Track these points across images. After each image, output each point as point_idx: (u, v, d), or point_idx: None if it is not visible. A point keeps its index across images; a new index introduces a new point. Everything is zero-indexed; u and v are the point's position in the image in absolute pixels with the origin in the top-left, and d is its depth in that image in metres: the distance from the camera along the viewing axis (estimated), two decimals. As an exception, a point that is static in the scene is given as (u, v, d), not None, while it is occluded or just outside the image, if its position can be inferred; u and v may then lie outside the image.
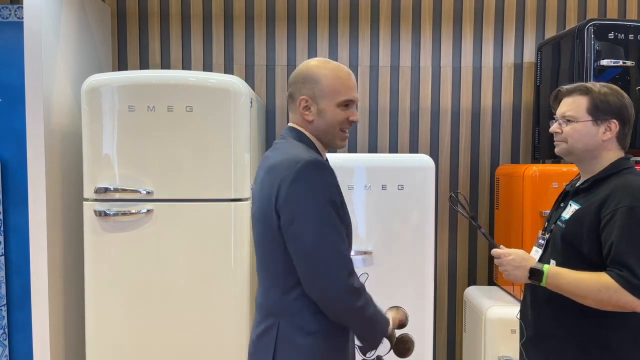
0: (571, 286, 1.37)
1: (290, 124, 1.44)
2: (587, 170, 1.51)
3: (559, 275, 1.40)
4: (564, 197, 1.59)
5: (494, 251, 1.54)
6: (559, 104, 1.54)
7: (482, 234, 1.66)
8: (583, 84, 1.50)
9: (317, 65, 1.42)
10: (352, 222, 2.27)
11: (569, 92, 1.51)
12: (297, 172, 1.27)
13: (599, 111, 1.44)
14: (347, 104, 1.41)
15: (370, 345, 1.44)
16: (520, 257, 1.47)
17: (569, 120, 1.48)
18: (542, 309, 1.51)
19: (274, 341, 1.34)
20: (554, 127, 1.52)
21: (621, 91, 1.48)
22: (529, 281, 1.45)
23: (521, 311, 1.63)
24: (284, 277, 1.34)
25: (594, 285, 1.33)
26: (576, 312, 1.41)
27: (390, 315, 1.51)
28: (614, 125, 1.44)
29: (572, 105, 1.48)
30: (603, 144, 1.46)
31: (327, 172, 1.31)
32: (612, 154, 1.47)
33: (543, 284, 1.41)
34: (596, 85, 1.47)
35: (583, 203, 1.45)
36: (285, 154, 1.33)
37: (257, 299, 1.45)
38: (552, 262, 1.48)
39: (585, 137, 1.46)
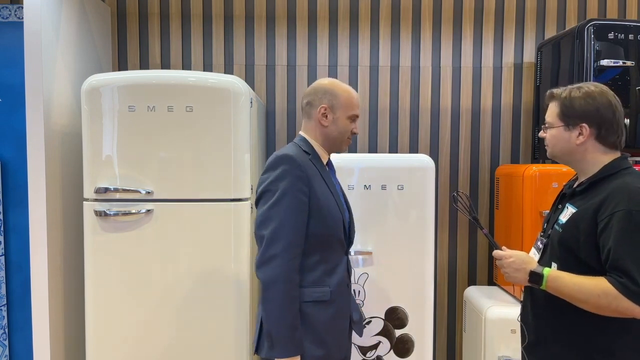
0: (571, 290, 1.37)
1: (301, 132, 1.74)
2: (581, 171, 1.52)
3: (559, 280, 1.39)
4: (561, 199, 1.59)
5: (495, 252, 1.54)
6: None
7: (485, 235, 1.66)
8: (553, 90, 1.53)
9: (334, 82, 1.72)
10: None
11: (549, 98, 1.55)
12: (269, 164, 1.59)
13: (566, 116, 1.47)
14: (354, 119, 1.72)
15: (271, 341, 1.54)
16: (520, 260, 1.47)
17: (548, 127, 1.53)
18: (542, 312, 1.51)
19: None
20: (540, 133, 1.58)
21: (595, 93, 1.45)
22: (529, 284, 1.45)
23: (522, 314, 1.62)
24: None
25: (593, 291, 1.33)
26: (577, 317, 1.40)
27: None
28: (584, 129, 1.44)
29: (549, 112, 1.53)
30: (579, 147, 1.46)
31: (292, 165, 1.56)
32: (600, 155, 1.46)
33: (543, 287, 1.41)
34: (566, 90, 1.49)
35: (579, 206, 1.44)
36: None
37: None
38: (554, 265, 1.47)
39: (560, 141, 1.49)
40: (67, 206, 2.39)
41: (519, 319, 1.62)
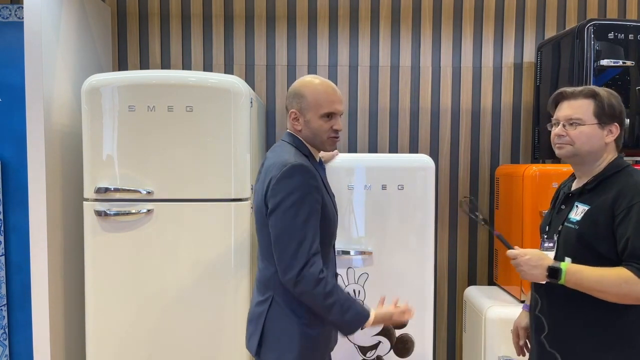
0: (591, 282, 1.39)
1: (288, 130, 1.70)
2: (586, 172, 1.53)
3: (578, 273, 1.41)
4: (564, 199, 1.60)
5: (509, 252, 1.55)
6: (557, 106, 1.56)
7: (497, 236, 1.69)
8: (588, 87, 1.52)
9: (306, 82, 1.65)
10: (353, 222, 2.33)
11: (574, 95, 1.52)
12: (282, 173, 1.52)
13: (605, 115, 1.48)
14: (330, 116, 1.63)
15: (343, 330, 1.62)
16: (536, 257, 1.48)
17: (575, 123, 1.49)
18: (561, 307, 1.52)
19: (267, 308, 1.61)
20: (558, 130, 1.53)
21: (618, 95, 1.53)
22: (546, 280, 1.45)
23: (531, 314, 1.63)
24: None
25: (614, 280, 1.36)
26: (594, 306, 1.43)
27: (374, 311, 1.64)
28: (615, 128, 1.49)
29: (578, 109, 1.49)
30: (605, 146, 1.50)
31: (307, 175, 1.53)
32: (610, 155, 1.52)
33: (562, 282, 1.42)
34: (600, 89, 1.50)
35: (592, 203, 1.47)
36: (278, 158, 1.58)
37: (256, 277, 1.72)
38: (568, 259, 1.49)
39: (592, 139, 1.48)
40: (67, 206, 2.39)
41: (536, 311, 1.62)
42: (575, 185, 1.58)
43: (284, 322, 1.59)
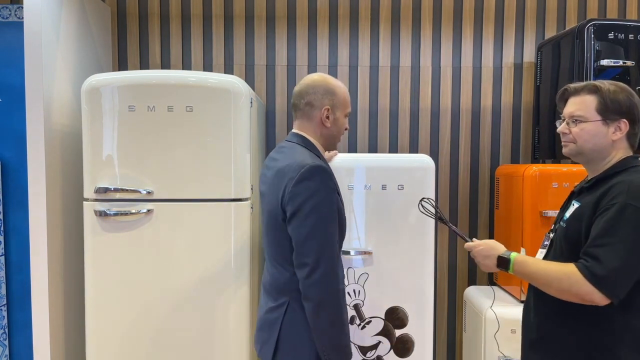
0: (535, 274, 1.39)
1: (295, 131, 1.68)
2: (595, 171, 1.47)
3: (525, 263, 1.41)
4: (569, 198, 1.57)
5: (465, 245, 1.58)
6: (565, 103, 1.51)
7: (453, 231, 1.70)
8: (591, 82, 1.46)
9: (332, 80, 1.68)
10: (353, 222, 2.34)
11: (577, 91, 1.46)
12: (301, 175, 1.48)
13: (609, 111, 1.40)
14: (347, 115, 1.73)
15: (326, 348, 1.53)
16: (488, 247, 1.51)
17: (577, 120, 1.44)
18: (545, 311, 1.49)
19: (283, 314, 1.56)
20: (562, 128, 1.48)
21: (630, 89, 1.44)
22: (498, 270, 1.48)
23: (524, 312, 1.61)
24: (291, 262, 1.54)
25: (557, 274, 1.34)
26: (579, 315, 1.39)
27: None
28: (624, 124, 1.41)
29: (580, 105, 1.44)
30: (613, 144, 1.42)
31: (326, 177, 1.51)
32: (621, 153, 1.44)
33: (511, 271, 1.43)
34: (605, 84, 1.43)
35: (584, 201, 1.43)
36: (293, 159, 1.55)
37: (266, 281, 1.67)
38: (523, 250, 1.49)
39: (595, 137, 1.42)
40: (67, 206, 2.39)
41: (525, 305, 1.61)
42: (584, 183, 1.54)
43: (301, 328, 1.54)
